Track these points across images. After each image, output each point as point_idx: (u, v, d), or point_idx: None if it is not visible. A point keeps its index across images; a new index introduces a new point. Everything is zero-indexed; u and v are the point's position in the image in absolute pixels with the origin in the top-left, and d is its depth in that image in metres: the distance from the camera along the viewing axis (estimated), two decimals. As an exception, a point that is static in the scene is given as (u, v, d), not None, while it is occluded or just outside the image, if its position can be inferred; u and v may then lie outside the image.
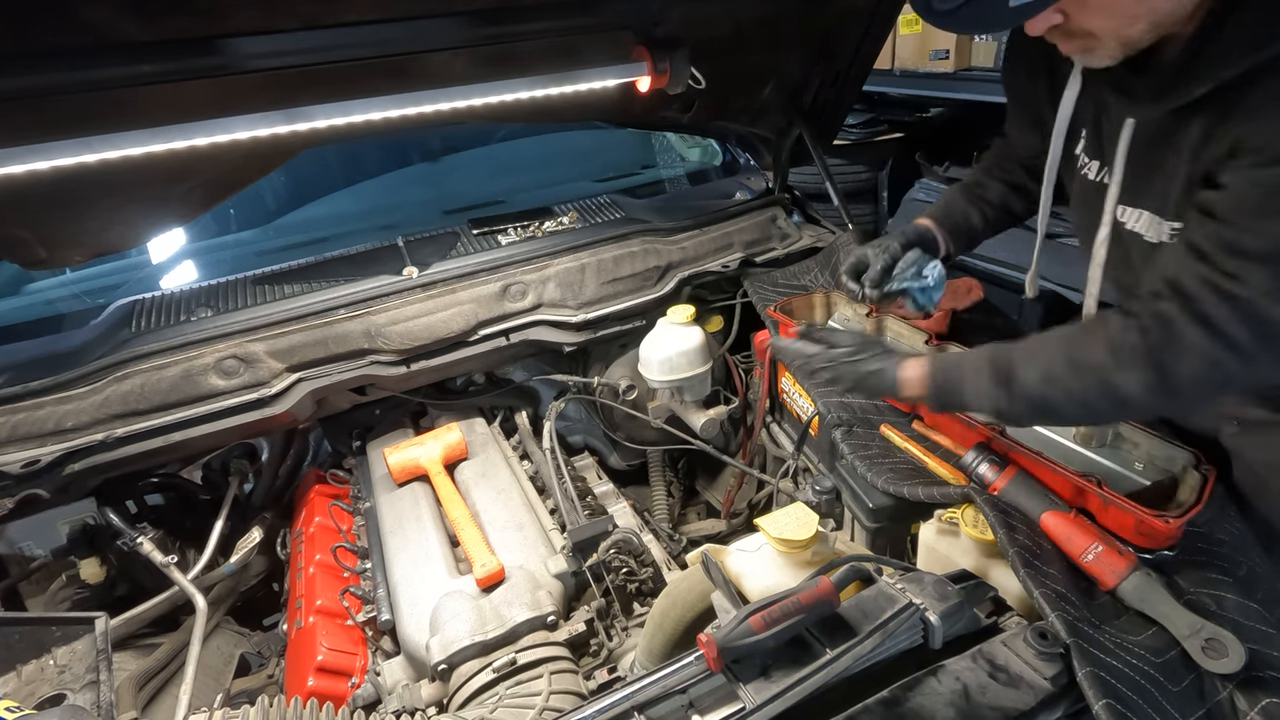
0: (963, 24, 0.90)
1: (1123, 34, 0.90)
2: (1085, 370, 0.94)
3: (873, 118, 4.47)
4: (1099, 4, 0.87)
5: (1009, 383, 0.99)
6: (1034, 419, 1.04)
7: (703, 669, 0.87)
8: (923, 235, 1.46)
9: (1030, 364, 0.98)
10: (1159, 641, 0.91)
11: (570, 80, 1.44)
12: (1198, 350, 0.87)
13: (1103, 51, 0.93)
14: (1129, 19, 0.89)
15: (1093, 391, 0.94)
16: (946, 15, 0.89)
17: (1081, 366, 0.94)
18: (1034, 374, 0.98)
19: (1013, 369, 1.00)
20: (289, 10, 1.18)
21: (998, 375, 1.00)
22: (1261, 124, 0.83)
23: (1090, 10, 0.88)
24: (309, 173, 2.37)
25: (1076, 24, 0.90)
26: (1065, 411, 0.99)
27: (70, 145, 1.13)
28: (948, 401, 1.08)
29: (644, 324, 1.79)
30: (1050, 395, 0.97)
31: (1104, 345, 0.93)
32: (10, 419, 1.40)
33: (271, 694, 1.21)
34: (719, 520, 1.89)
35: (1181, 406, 0.96)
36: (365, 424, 1.85)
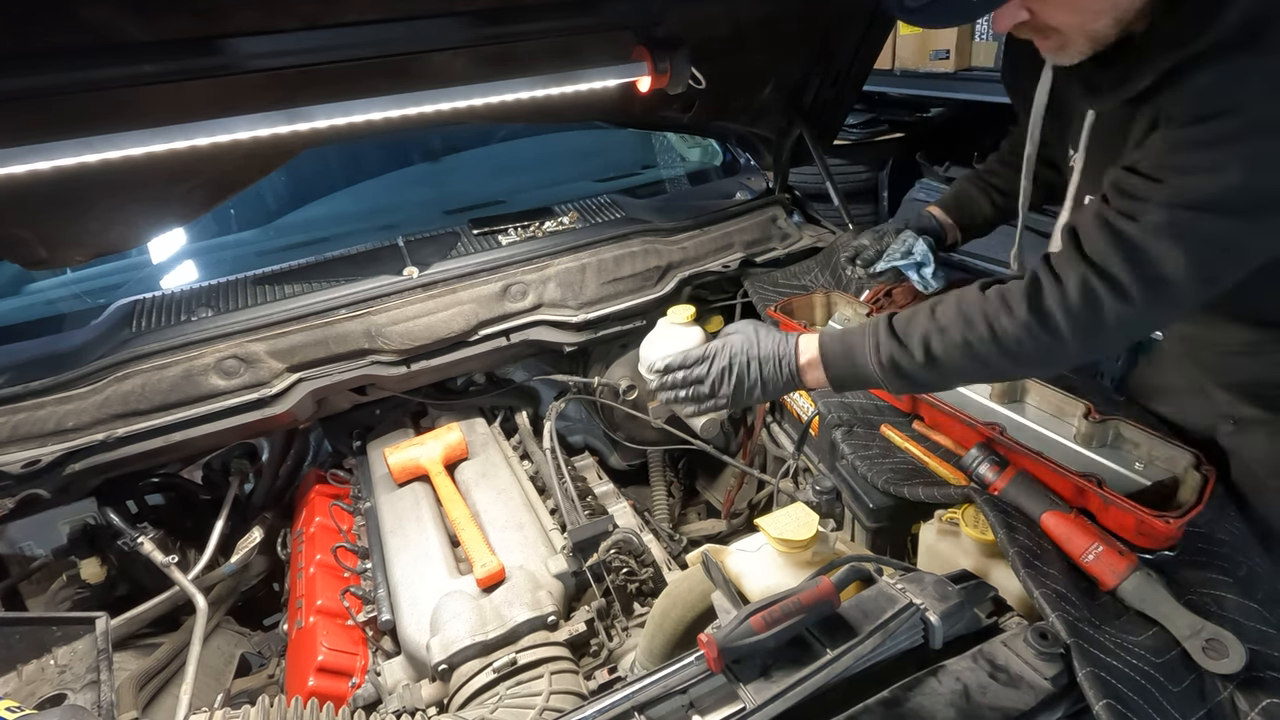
0: (930, 18, 0.93)
1: (1088, 29, 0.93)
2: (974, 316, 0.96)
3: (873, 118, 4.47)
4: (1063, 2, 0.90)
5: (903, 334, 1.01)
6: (929, 375, 1.01)
7: (703, 669, 0.87)
8: (926, 221, 1.50)
9: (922, 318, 1.01)
10: (1159, 642, 0.91)
11: (571, 80, 1.44)
12: (1076, 283, 0.89)
13: (1072, 48, 0.96)
14: (1093, 14, 0.91)
15: (979, 335, 0.95)
16: (915, 11, 0.92)
17: (970, 313, 0.96)
18: (929, 326, 0.99)
19: (905, 323, 1.02)
20: (290, 10, 1.18)
21: (890, 328, 1.02)
22: (1176, 96, 0.87)
23: (1054, 6, 0.90)
24: (310, 173, 2.37)
25: (1042, 20, 0.92)
26: (957, 362, 0.99)
27: (71, 145, 1.13)
28: (840, 367, 1.09)
29: (644, 324, 1.79)
30: (945, 346, 0.98)
31: (995, 291, 0.96)
32: (11, 419, 1.40)
33: (272, 694, 1.20)
34: (719, 520, 1.89)
35: (1064, 352, 0.94)
36: (366, 424, 1.85)
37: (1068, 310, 0.90)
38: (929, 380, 1.04)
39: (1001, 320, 0.94)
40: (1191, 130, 0.85)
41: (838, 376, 1.10)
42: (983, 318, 0.96)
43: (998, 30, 0.96)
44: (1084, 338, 0.92)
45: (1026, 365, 0.99)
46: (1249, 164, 0.81)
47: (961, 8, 0.90)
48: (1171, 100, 0.88)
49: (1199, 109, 0.84)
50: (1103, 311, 0.89)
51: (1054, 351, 0.94)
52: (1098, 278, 0.89)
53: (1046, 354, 0.95)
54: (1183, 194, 0.85)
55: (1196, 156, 0.85)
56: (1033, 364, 1.00)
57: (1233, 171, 0.82)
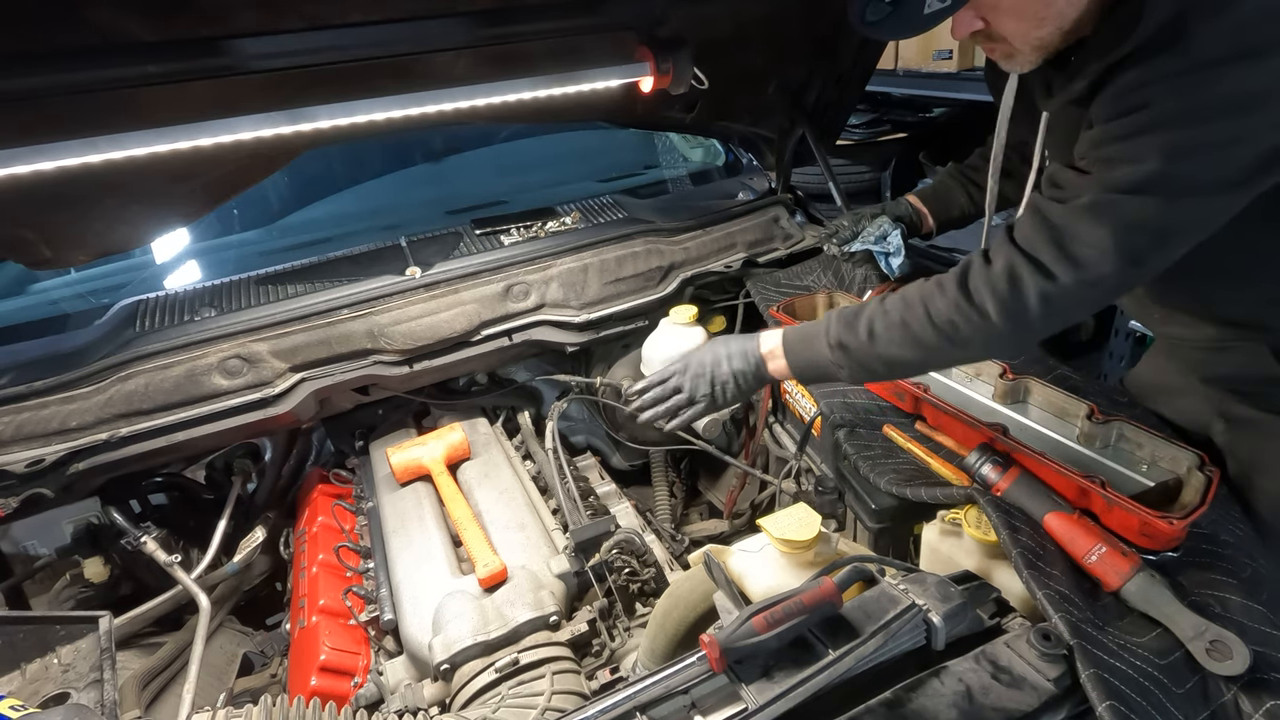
0: (888, 31, 1.00)
1: (1032, 36, 0.98)
2: (912, 298, 1.03)
3: (876, 118, 4.47)
4: (1009, 8, 0.95)
5: (852, 318, 1.08)
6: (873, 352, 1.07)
7: (705, 669, 0.87)
8: (903, 209, 1.58)
9: (872, 304, 1.09)
10: (1163, 643, 0.91)
11: (573, 81, 1.44)
12: (1002, 264, 0.95)
13: (1020, 57, 1.01)
14: (1036, 21, 0.96)
15: (915, 315, 1.02)
16: (875, 25, 0.99)
17: (910, 296, 1.03)
18: (875, 309, 1.07)
19: (857, 309, 1.10)
20: (293, 11, 1.19)
21: (844, 317, 1.10)
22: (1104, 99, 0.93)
23: (1002, 14, 0.96)
24: (312, 173, 2.37)
25: (995, 29, 0.98)
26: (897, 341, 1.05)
27: (75, 145, 1.14)
28: (799, 352, 1.16)
29: (646, 324, 1.79)
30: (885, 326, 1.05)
31: (934, 279, 1.02)
32: (15, 418, 1.40)
33: (274, 693, 1.21)
34: (721, 521, 1.89)
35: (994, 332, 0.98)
36: (368, 424, 1.85)
37: (993, 289, 0.96)
38: (871, 362, 1.09)
39: (935, 300, 1.00)
40: (1111, 126, 0.91)
41: (796, 363, 1.17)
42: (919, 299, 1.02)
43: (955, 37, 1.02)
44: (1010, 317, 0.96)
45: (960, 346, 1.03)
46: (1163, 152, 0.86)
47: (916, 19, 0.96)
48: (1099, 102, 0.94)
49: (1116, 107, 0.90)
50: (1025, 289, 0.94)
51: (985, 332, 0.98)
52: (1022, 257, 0.94)
53: (978, 334, 0.99)
54: (1105, 182, 0.91)
55: (1116, 148, 0.90)
56: (967, 345, 1.03)
57: (1150, 160, 0.87)
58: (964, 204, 1.59)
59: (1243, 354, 1.15)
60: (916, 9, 0.95)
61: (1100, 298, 0.96)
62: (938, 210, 1.62)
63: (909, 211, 1.63)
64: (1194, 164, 0.86)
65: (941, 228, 1.64)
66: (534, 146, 2.64)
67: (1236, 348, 1.16)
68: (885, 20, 0.97)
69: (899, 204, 1.65)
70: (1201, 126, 0.85)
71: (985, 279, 0.96)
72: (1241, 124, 0.84)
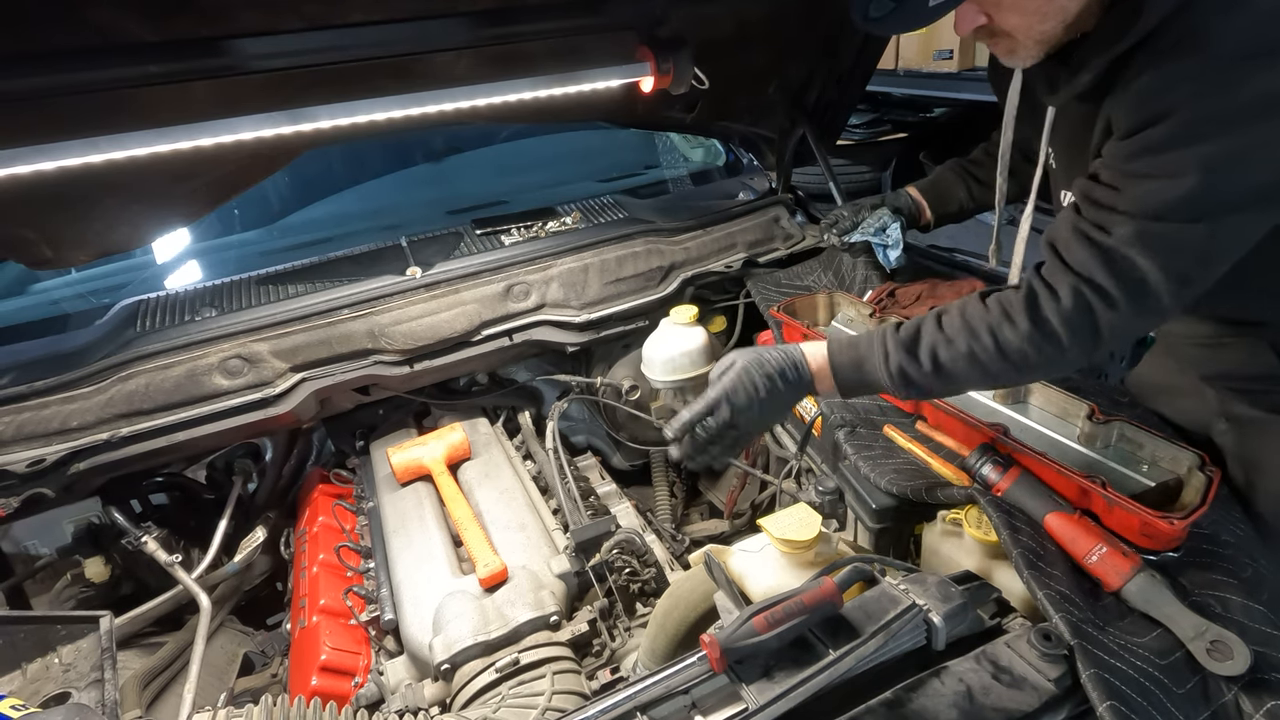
0: (891, 26, 0.99)
1: (1035, 31, 0.98)
2: (978, 327, 0.99)
3: (876, 118, 4.47)
4: (1012, 3, 0.95)
5: (914, 348, 1.03)
6: (938, 383, 1.04)
7: (705, 669, 0.87)
8: (902, 201, 1.57)
9: (929, 328, 1.03)
10: (1163, 643, 0.91)
11: (573, 81, 1.44)
12: (1069, 293, 0.93)
13: (1023, 52, 1.01)
14: (1039, 16, 0.96)
15: (983, 346, 0.99)
16: (878, 21, 0.98)
17: (975, 325, 1.00)
18: (935, 334, 1.02)
19: (912, 332, 1.04)
20: (293, 11, 1.19)
21: (901, 343, 1.04)
22: (1121, 102, 0.92)
23: (1005, 9, 0.96)
24: (313, 173, 2.37)
25: (998, 24, 0.98)
26: (964, 372, 1.01)
27: (76, 146, 1.14)
28: (847, 372, 1.09)
29: (647, 324, 1.79)
30: (951, 357, 1.01)
31: (995, 301, 1.00)
32: (16, 418, 1.40)
33: (275, 693, 1.21)
34: (722, 521, 1.89)
35: (1065, 359, 0.97)
36: (369, 424, 1.85)
37: (1064, 319, 0.94)
38: (937, 388, 1.06)
39: (1004, 331, 0.97)
40: (1138, 138, 0.89)
41: (846, 384, 1.10)
42: (987, 329, 0.98)
43: (959, 33, 1.01)
44: (1082, 344, 0.95)
45: (1031, 373, 1.02)
46: (1199, 165, 0.85)
47: (921, 13, 0.95)
48: (1115, 105, 0.93)
49: (1140, 114, 0.89)
50: (1096, 318, 0.93)
51: (1056, 360, 0.97)
52: (1086, 286, 0.92)
53: (1050, 362, 0.98)
54: (1144, 201, 0.89)
55: (1149, 163, 0.89)
56: (1037, 371, 1.02)
57: (1188, 175, 0.85)
58: (963, 199, 1.59)
59: (1242, 350, 1.15)
60: (920, 3, 0.94)
61: (1159, 318, 0.96)
62: (936, 203, 1.62)
63: (908, 203, 1.63)
64: (1232, 174, 0.85)
65: (939, 221, 1.65)
66: (534, 146, 2.65)
67: (1236, 344, 1.16)
68: (888, 16, 0.97)
69: (898, 195, 1.65)
70: (1234, 134, 0.83)
71: (1056, 311, 0.94)
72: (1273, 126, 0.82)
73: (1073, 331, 0.94)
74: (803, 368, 1.10)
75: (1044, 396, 1.31)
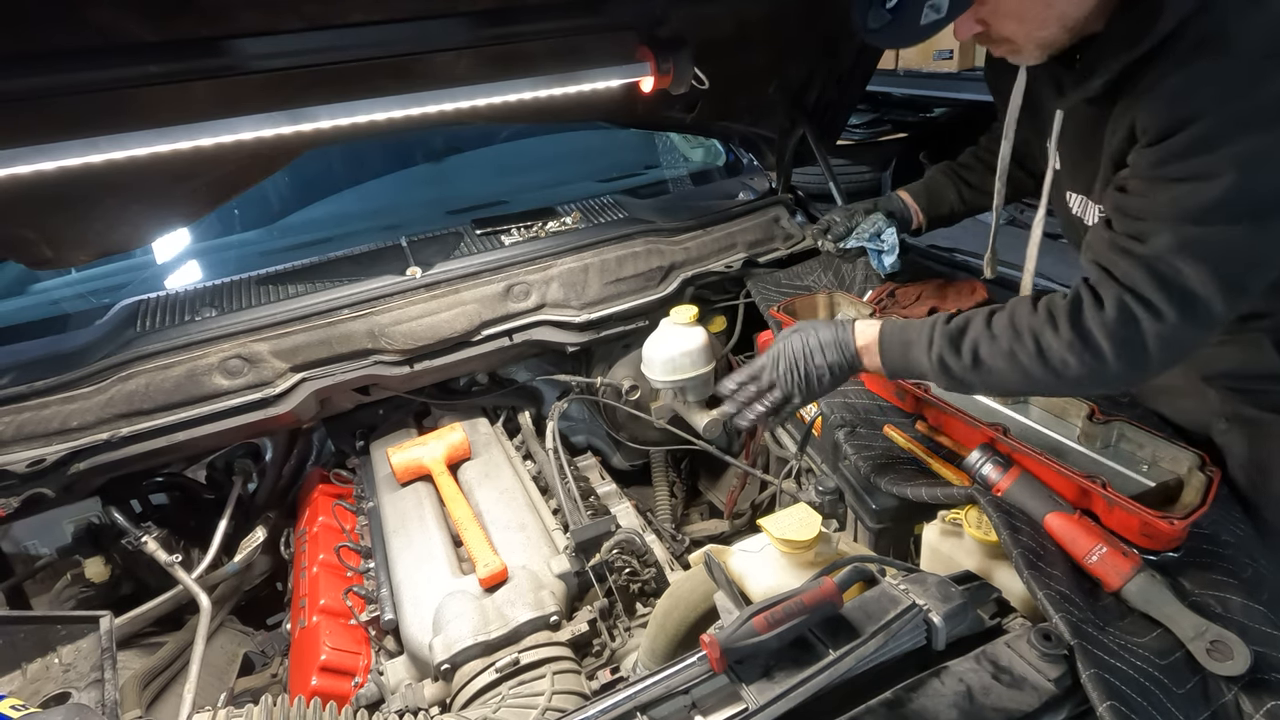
0: (888, 40, 1.01)
1: (1035, 36, 0.98)
2: (1022, 329, 0.99)
3: (876, 118, 4.47)
4: (1009, 12, 0.96)
5: (957, 335, 1.05)
6: (976, 377, 1.05)
7: (706, 669, 0.87)
8: (895, 205, 1.57)
9: (978, 323, 1.04)
10: (1163, 643, 0.91)
11: (573, 81, 1.44)
12: (1113, 303, 0.93)
13: (1026, 54, 1.02)
14: (1038, 23, 0.97)
15: (1025, 348, 0.98)
16: (876, 33, 1.00)
17: (1020, 326, 1.00)
18: (981, 330, 1.03)
19: (963, 324, 1.05)
20: (293, 11, 1.19)
21: (948, 333, 1.06)
22: (1145, 108, 0.91)
23: (1002, 18, 0.97)
24: (313, 173, 2.37)
25: (996, 31, 0.99)
26: (1003, 371, 1.02)
27: (76, 146, 1.14)
28: (895, 355, 1.12)
29: (647, 324, 1.79)
30: (991, 354, 1.01)
31: (1045, 304, 0.99)
32: (16, 418, 1.40)
33: (275, 693, 1.21)
34: (722, 521, 1.89)
35: (1107, 372, 0.96)
36: (369, 424, 1.85)
37: (1108, 331, 0.93)
38: (975, 383, 1.07)
39: (1046, 336, 0.97)
40: (1167, 144, 0.89)
41: (891, 364, 1.14)
42: (1030, 331, 0.98)
43: (958, 38, 1.02)
44: (1129, 358, 0.93)
45: (1072, 383, 1.00)
46: (1232, 166, 0.84)
47: (913, 29, 0.96)
48: (1139, 109, 0.92)
49: (1168, 120, 0.88)
50: (1141, 330, 0.91)
51: (1099, 371, 0.95)
52: (1132, 298, 0.91)
53: (1093, 373, 0.96)
54: (1179, 206, 0.88)
55: (1180, 167, 0.88)
56: (1080, 384, 1.00)
57: (1223, 177, 0.85)
58: (954, 202, 1.59)
59: (1242, 348, 1.15)
60: (913, 19, 0.95)
61: (1211, 330, 0.94)
62: (928, 206, 1.61)
63: (900, 207, 1.62)
64: (1265, 173, 0.84)
65: (931, 224, 1.64)
66: (534, 146, 2.65)
67: (1236, 342, 1.16)
68: (885, 28, 0.98)
69: (891, 199, 1.64)
70: (1262, 132, 0.83)
71: (1100, 322, 0.93)
72: None
73: (1116, 344, 0.93)
74: (848, 345, 1.14)
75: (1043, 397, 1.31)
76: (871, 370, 1.16)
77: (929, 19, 0.95)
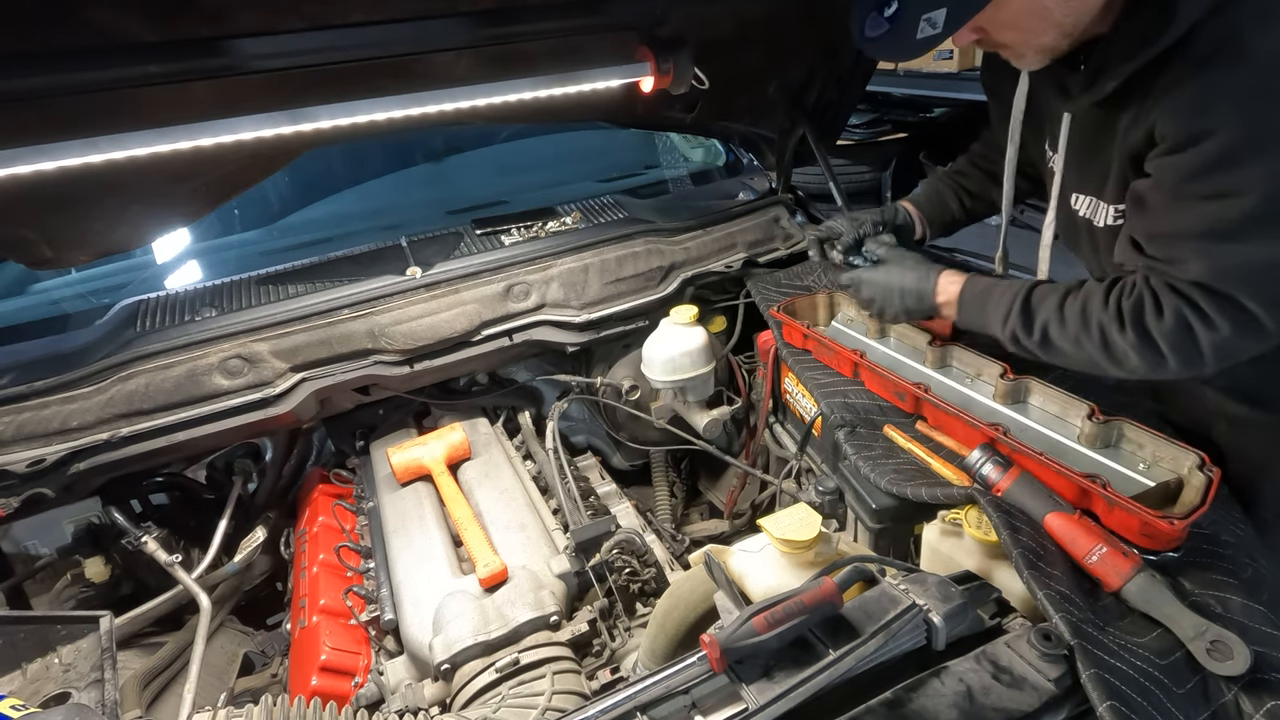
0: (884, 52, 1.04)
1: (1033, 44, 1.00)
2: (1091, 320, 1.05)
3: (876, 118, 4.47)
4: (1005, 22, 0.97)
5: (1031, 314, 1.11)
6: (1043, 351, 1.13)
7: (706, 669, 0.87)
8: (902, 217, 1.57)
9: (1052, 300, 1.11)
10: (1163, 643, 0.91)
11: (573, 81, 1.44)
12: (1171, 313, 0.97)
13: (1027, 59, 1.04)
14: (1035, 32, 0.98)
15: (1091, 337, 1.05)
16: (873, 42, 1.01)
17: (1090, 317, 1.06)
18: (1053, 312, 1.10)
19: (1038, 303, 1.12)
20: (293, 11, 1.19)
21: (1024, 305, 1.13)
22: (1164, 112, 0.92)
23: (1000, 27, 0.98)
24: (313, 173, 2.37)
25: (993, 38, 1.01)
26: (1069, 352, 1.10)
27: (76, 146, 1.14)
28: (971, 317, 1.22)
29: (647, 324, 1.79)
30: (1060, 337, 1.08)
31: (1114, 304, 1.03)
32: (15, 418, 1.40)
33: (275, 693, 1.21)
34: (722, 521, 1.89)
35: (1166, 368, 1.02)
36: (369, 424, 1.85)
37: (1166, 337, 0.98)
38: (1041, 357, 1.15)
39: (1112, 333, 1.03)
40: (1190, 156, 0.90)
41: (964, 321, 1.25)
42: (1098, 326, 1.04)
43: (957, 45, 1.04)
44: (1186, 359, 0.99)
45: (1135, 372, 1.06)
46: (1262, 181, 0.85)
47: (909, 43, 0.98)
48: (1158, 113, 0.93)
49: (1188, 128, 0.89)
50: (1197, 339, 0.96)
51: (1160, 365, 1.02)
52: (1188, 308, 0.95)
53: (1154, 366, 1.03)
54: (1210, 225, 0.90)
55: (1207, 184, 0.89)
56: (1135, 372, 1.07)
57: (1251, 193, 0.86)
58: (955, 210, 1.58)
59: None
60: (909, 32, 0.96)
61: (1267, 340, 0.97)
62: (932, 217, 1.59)
63: (906, 219, 1.58)
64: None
65: (934, 235, 1.63)
66: (534, 146, 2.64)
67: None
68: (882, 38, 1.00)
69: (897, 211, 1.59)
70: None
71: (1159, 327, 0.99)
72: None
73: (1174, 348, 0.98)
74: (927, 296, 1.26)
75: (1044, 396, 1.31)
76: (947, 319, 1.28)
77: (925, 33, 0.96)
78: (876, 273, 1.34)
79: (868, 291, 1.34)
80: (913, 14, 0.96)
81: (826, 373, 1.49)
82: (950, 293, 1.24)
